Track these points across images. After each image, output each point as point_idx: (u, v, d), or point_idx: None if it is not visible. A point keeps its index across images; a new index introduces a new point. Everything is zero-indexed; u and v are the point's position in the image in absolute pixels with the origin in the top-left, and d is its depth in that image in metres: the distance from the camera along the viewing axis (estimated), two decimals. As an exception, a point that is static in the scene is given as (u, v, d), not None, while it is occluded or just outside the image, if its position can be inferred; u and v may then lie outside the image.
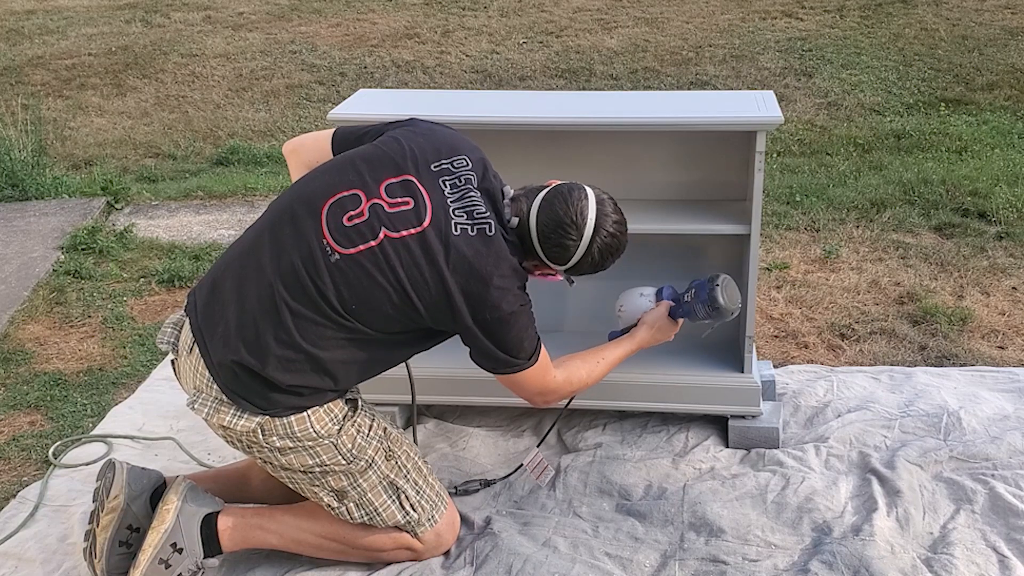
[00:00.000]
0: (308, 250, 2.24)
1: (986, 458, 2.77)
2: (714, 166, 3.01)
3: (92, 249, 4.52)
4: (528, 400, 2.48)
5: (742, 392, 2.90)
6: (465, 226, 2.26)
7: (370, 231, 2.24)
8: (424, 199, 2.27)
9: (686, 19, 8.38)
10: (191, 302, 2.37)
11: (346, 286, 2.23)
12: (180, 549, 2.36)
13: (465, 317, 2.25)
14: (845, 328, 3.64)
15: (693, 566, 2.45)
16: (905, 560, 2.41)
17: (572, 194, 2.33)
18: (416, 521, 2.44)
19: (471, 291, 2.24)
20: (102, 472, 2.45)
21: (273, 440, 2.28)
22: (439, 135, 2.41)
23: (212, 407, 2.29)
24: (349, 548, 2.47)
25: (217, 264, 2.38)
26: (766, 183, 4.75)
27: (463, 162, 2.35)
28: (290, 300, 2.23)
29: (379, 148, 2.36)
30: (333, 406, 2.34)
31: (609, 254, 2.38)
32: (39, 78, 7.68)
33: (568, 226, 2.31)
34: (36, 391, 3.43)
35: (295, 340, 2.23)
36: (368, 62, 7.69)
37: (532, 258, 2.38)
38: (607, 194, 2.39)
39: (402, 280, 2.22)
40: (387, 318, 2.26)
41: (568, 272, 2.41)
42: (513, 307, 2.27)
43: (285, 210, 2.32)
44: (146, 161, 6.12)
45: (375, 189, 2.27)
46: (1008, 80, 6.57)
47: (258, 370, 2.23)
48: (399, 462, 2.43)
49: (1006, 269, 4.04)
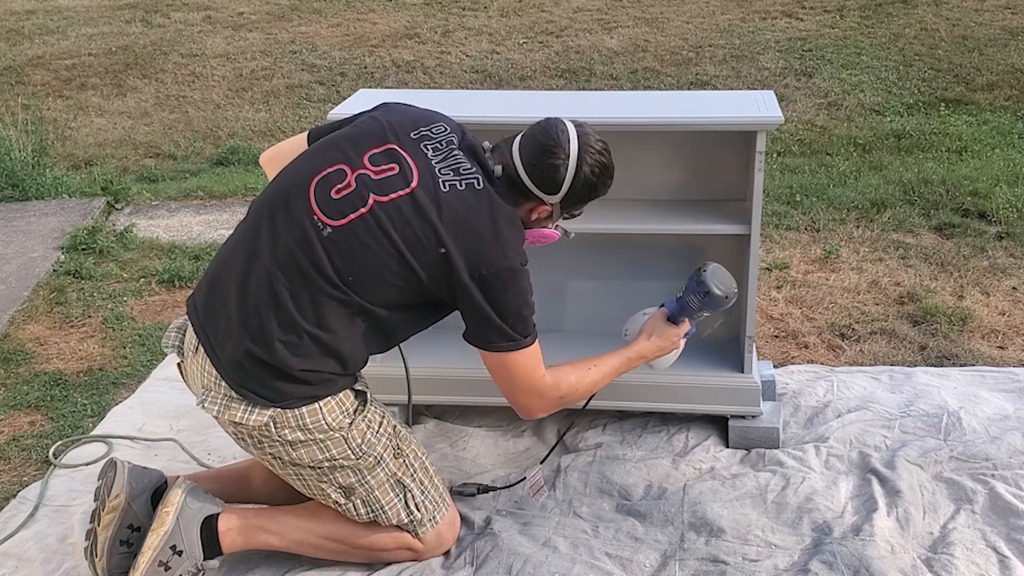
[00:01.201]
0: (301, 230, 2.25)
1: (986, 458, 2.77)
2: (714, 166, 3.01)
3: (92, 249, 4.52)
4: (516, 402, 2.40)
5: (742, 392, 2.90)
6: (453, 182, 2.27)
7: (359, 199, 2.25)
8: (409, 163, 2.29)
9: (686, 19, 8.39)
10: (191, 304, 2.38)
11: (341, 258, 2.24)
12: (180, 551, 2.36)
13: (462, 274, 2.23)
14: (845, 328, 3.64)
15: (693, 566, 2.45)
16: (905, 560, 2.41)
17: (549, 123, 2.36)
18: (419, 521, 2.44)
19: (467, 245, 2.23)
20: (103, 471, 2.45)
21: (285, 433, 2.28)
22: (414, 110, 2.45)
23: (223, 404, 2.29)
24: (351, 548, 2.46)
25: (212, 263, 2.39)
26: (766, 183, 4.75)
27: (441, 128, 2.38)
28: (288, 283, 2.24)
29: (356, 127, 2.40)
30: (344, 398, 2.34)
31: (602, 172, 2.37)
32: (39, 78, 7.68)
33: (553, 147, 2.31)
34: (36, 391, 3.43)
35: (297, 322, 2.24)
36: (368, 62, 7.69)
37: (525, 199, 2.37)
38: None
39: (396, 243, 2.23)
40: (386, 286, 2.26)
41: (564, 202, 2.38)
42: (512, 263, 2.26)
43: (274, 199, 2.33)
44: (146, 161, 6.12)
45: (359, 161, 2.30)
46: (1008, 80, 6.57)
47: (266, 358, 2.24)
48: (407, 460, 2.43)
49: (1006, 269, 4.04)
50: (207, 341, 2.31)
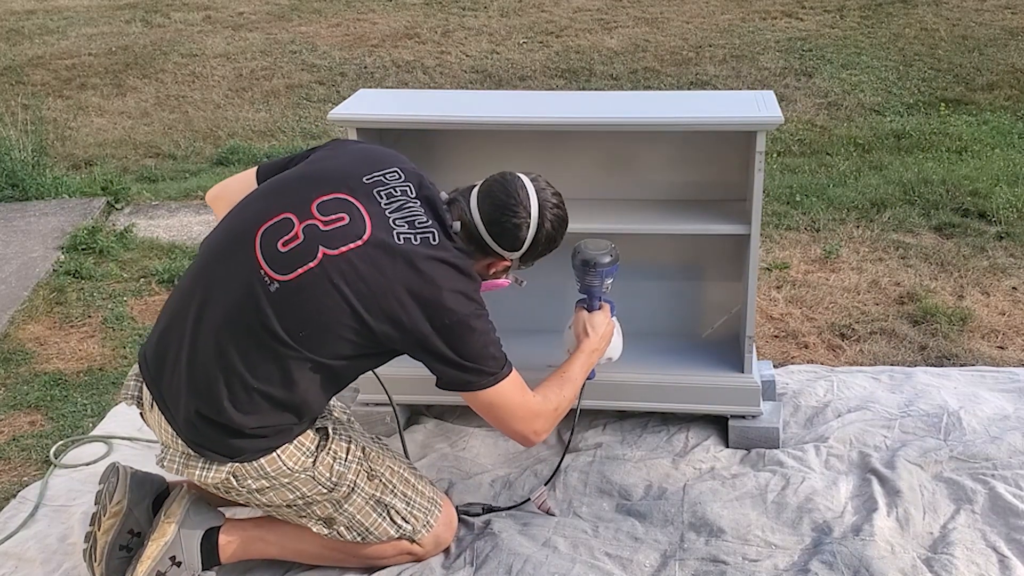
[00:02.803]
0: (247, 287, 2.16)
1: (986, 458, 2.77)
2: (714, 166, 3.01)
3: (92, 249, 4.52)
4: (516, 431, 2.35)
5: (742, 392, 2.90)
6: (408, 235, 2.19)
7: (308, 253, 2.16)
8: (361, 212, 2.20)
9: (686, 19, 8.38)
10: (142, 356, 2.32)
11: (290, 314, 2.15)
12: (179, 562, 2.36)
13: (422, 326, 2.17)
14: (845, 328, 3.64)
15: (693, 566, 2.45)
16: (905, 560, 2.41)
17: (506, 179, 2.32)
18: (413, 530, 2.43)
19: (424, 297, 2.16)
20: (105, 475, 2.45)
21: (248, 483, 2.26)
22: (369, 152, 2.37)
23: (181, 463, 2.27)
24: (350, 556, 2.46)
25: (163, 312, 2.33)
26: (766, 183, 4.75)
27: (396, 174, 2.29)
28: (236, 342, 2.16)
29: (306, 168, 2.31)
30: (304, 439, 2.30)
31: (560, 225, 2.36)
32: (39, 78, 7.67)
33: (514, 206, 2.28)
34: (36, 391, 3.43)
35: (247, 381, 2.17)
36: (368, 62, 7.69)
37: (483, 255, 2.33)
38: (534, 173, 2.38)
39: (348, 298, 2.14)
40: (339, 340, 2.17)
41: (523, 258, 2.36)
42: (470, 310, 2.20)
43: (220, 248, 2.25)
44: (146, 161, 6.12)
45: (306, 210, 2.20)
46: (1008, 80, 6.57)
47: (215, 418, 2.19)
48: (383, 480, 2.39)
49: (1006, 269, 4.04)
50: (159, 397, 2.26)
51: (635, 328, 3.19)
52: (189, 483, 2.51)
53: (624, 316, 3.21)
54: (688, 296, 3.16)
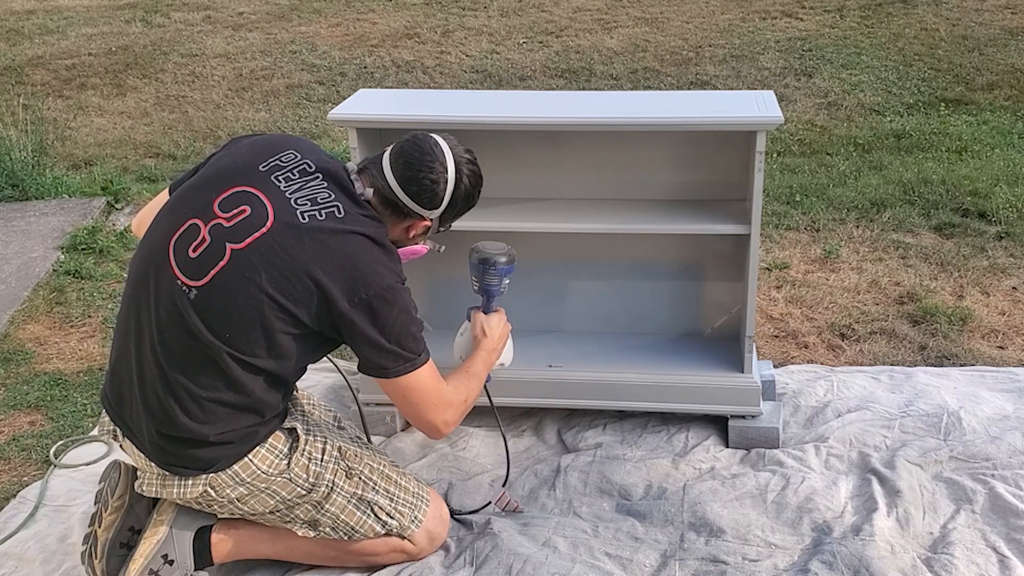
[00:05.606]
0: (171, 300, 2.17)
1: (986, 458, 2.77)
2: (714, 166, 3.01)
3: (92, 249, 4.52)
4: (426, 421, 2.34)
5: (742, 392, 2.90)
6: (311, 212, 2.18)
7: (216, 253, 2.16)
8: (261, 200, 2.19)
9: (686, 19, 8.38)
10: (103, 395, 2.37)
11: (213, 316, 2.15)
12: (171, 561, 2.36)
13: (341, 302, 2.15)
14: (845, 328, 3.64)
15: (693, 566, 2.45)
16: (905, 560, 2.41)
17: (418, 138, 2.30)
18: (400, 526, 2.43)
19: (339, 272, 2.14)
20: (107, 472, 2.46)
21: (227, 492, 2.28)
22: (260, 140, 2.37)
23: (158, 484, 2.30)
24: (343, 554, 2.46)
25: (112, 347, 2.35)
26: (766, 183, 4.75)
27: (292, 155, 2.28)
28: (174, 356, 2.18)
29: (205, 171, 2.32)
30: (275, 441, 2.31)
31: (477, 182, 2.34)
32: (39, 78, 7.67)
33: (430, 162, 2.26)
34: (36, 391, 3.43)
35: (194, 392, 2.18)
36: (368, 62, 7.69)
37: (400, 218, 2.31)
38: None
39: (264, 287, 2.13)
40: (266, 333, 2.16)
41: (443, 216, 2.34)
42: (389, 281, 2.19)
43: (142, 268, 2.25)
44: (146, 161, 6.11)
45: (208, 211, 2.19)
46: (1008, 80, 6.57)
47: (176, 434, 2.21)
48: (362, 477, 2.39)
49: (1006, 269, 4.04)
50: (126, 428, 2.30)
51: (635, 328, 3.20)
52: None
53: (625, 316, 3.21)
54: (688, 296, 3.16)
